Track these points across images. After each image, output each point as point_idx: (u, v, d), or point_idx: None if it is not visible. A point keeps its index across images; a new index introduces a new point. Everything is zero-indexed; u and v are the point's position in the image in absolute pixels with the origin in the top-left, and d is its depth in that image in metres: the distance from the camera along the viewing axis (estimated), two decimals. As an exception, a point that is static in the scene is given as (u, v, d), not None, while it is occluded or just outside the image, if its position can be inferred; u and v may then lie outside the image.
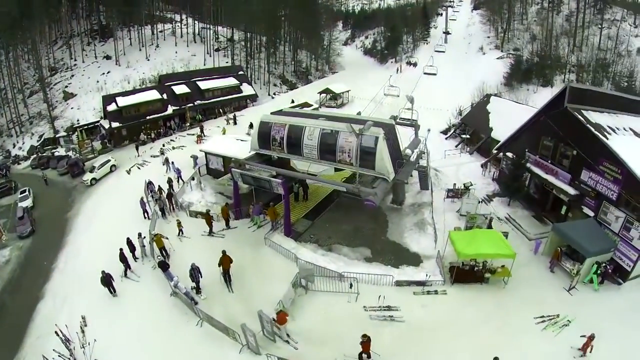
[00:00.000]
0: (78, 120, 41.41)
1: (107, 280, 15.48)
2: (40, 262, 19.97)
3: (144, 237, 18.02)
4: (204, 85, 41.27)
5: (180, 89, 39.12)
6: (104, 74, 49.29)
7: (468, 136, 27.93)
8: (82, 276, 17.45)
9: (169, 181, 23.46)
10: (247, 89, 45.30)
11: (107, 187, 27.21)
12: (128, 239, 17.61)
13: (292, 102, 41.86)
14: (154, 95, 36.61)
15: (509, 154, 20.99)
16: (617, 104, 18.02)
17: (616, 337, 12.75)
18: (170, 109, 37.48)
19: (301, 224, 19.98)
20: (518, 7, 57.56)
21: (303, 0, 61.67)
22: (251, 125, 31.65)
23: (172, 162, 26.18)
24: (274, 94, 54.23)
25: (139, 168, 29.33)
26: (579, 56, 42.07)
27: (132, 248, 17.71)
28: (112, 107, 34.23)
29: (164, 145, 33.21)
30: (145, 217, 21.09)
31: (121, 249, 16.81)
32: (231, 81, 43.78)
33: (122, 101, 34.41)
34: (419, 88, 35.13)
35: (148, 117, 35.65)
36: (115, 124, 33.71)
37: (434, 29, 65.87)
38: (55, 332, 13.53)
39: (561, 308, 14.23)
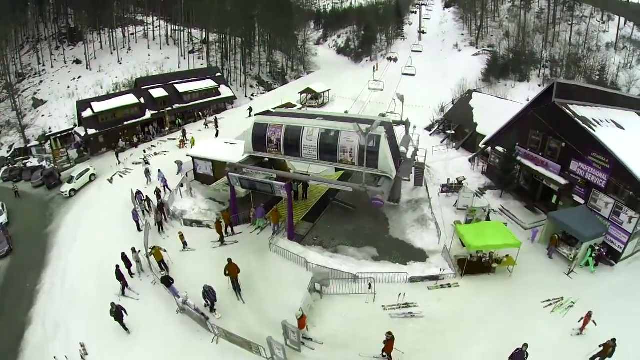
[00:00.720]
0: (50, 129, 37.80)
1: (118, 314, 13.19)
2: (22, 283, 17.73)
3: (139, 251, 16.41)
4: (182, 88, 38.96)
5: (158, 92, 36.63)
6: (74, 79, 45.46)
7: (453, 132, 28.13)
8: (73, 297, 15.71)
9: (157, 191, 21.51)
10: (225, 91, 43.40)
11: (88, 198, 24.86)
12: (123, 254, 15.91)
13: (250, 109, 37.89)
14: (131, 99, 33.99)
15: (499, 148, 21.23)
16: (598, 98, 18.59)
17: (616, 314, 13.24)
18: (148, 114, 35.06)
19: (302, 226, 19.13)
20: (490, 5, 57.67)
21: (275, 1, 60.14)
22: (217, 134, 29.75)
23: (159, 170, 24.30)
24: (252, 95, 52.54)
25: (121, 176, 27.13)
26: (551, 52, 43.09)
27: (129, 264, 16.03)
28: (87, 113, 31.35)
29: (145, 152, 31.09)
30: (138, 229, 19.41)
31: (117, 266, 15.17)
32: (209, 83, 41.73)
33: (98, 106, 31.62)
34: (399, 86, 34.93)
35: (126, 123, 33.04)
36: (91, 131, 30.90)
37: (409, 26, 64.86)
38: (55, 366, 11.98)
39: (564, 291, 14.65)
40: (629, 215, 15.25)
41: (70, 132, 33.10)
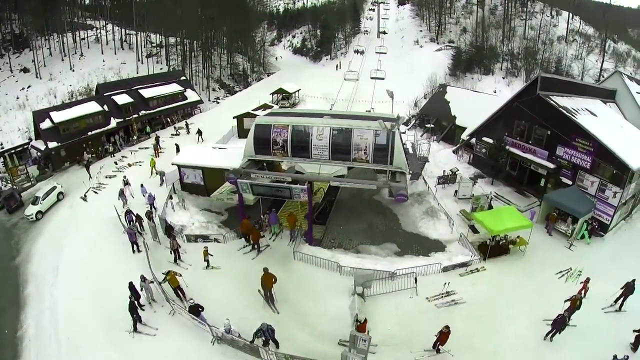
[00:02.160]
0: (2, 144, 31.06)
1: None
2: (-1, 330, 13.96)
3: (151, 281, 13.41)
4: (147, 93, 34.26)
5: (123, 98, 31.72)
6: (23, 88, 38.14)
7: (432, 125, 28.15)
8: (75, 344, 12.29)
9: (148, 214, 17.82)
10: (191, 95, 39.36)
11: (60, 220, 20.36)
12: (131, 283, 12.80)
13: (200, 132, 30.23)
14: (94, 107, 28.89)
15: (486, 139, 21.43)
16: (572, 89, 19.48)
17: (612, 276, 13.80)
18: (113, 122, 30.33)
19: (315, 229, 17.49)
20: (445, 1, 57.10)
21: (231, 3, 56.03)
22: (178, 149, 26.30)
23: (142, 185, 20.74)
24: (217, 98, 48.67)
25: (95, 192, 22.90)
26: (510, 46, 44.19)
27: (137, 295, 12.96)
28: (46, 125, 25.94)
29: (116, 163, 26.89)
30: (133, 251, 16.31)
31: (131, 297, 12.33)
32: (175, 87, 37.41)
33: (58, 116, 26.32)
34: (369, 84, 34.16)
35: (90, 133, 28.10)
36: (52, 144, 25.67)
37: (370, 21, 62.72)
38: None
39: (570, 262, 15.16)
40: (614, 191, 16.09)
41: (25, 146, 27.44)
